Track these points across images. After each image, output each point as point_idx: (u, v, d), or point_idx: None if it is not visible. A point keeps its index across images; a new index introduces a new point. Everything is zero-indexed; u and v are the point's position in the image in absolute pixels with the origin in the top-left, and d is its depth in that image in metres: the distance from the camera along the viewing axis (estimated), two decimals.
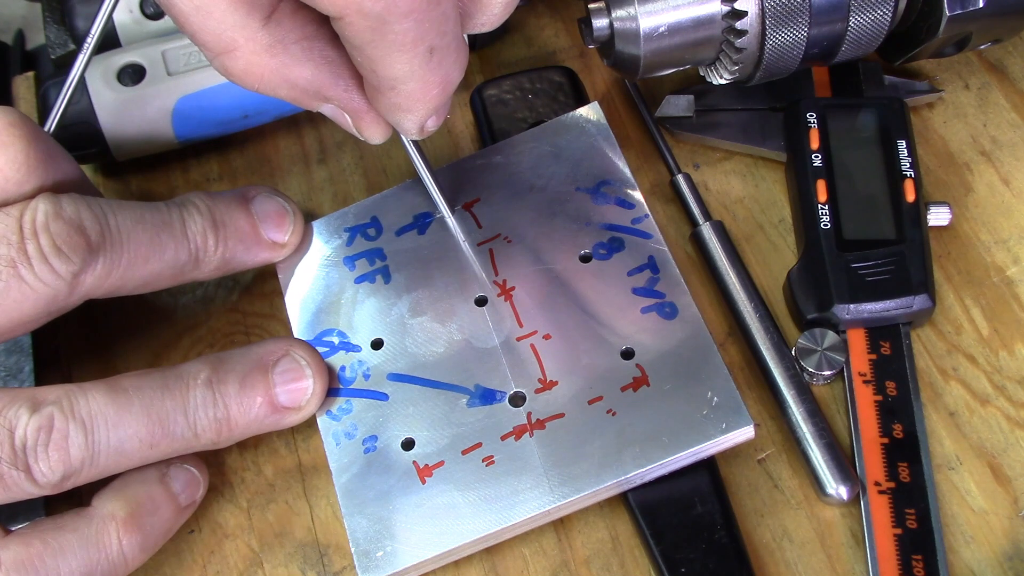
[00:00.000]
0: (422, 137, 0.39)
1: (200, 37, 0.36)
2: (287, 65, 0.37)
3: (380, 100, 0.37)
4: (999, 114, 0.50)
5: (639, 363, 0.41)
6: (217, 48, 0.36)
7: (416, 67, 0.34)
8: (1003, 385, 0.44)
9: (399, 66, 0.34)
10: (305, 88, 0.38)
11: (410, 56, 0.34)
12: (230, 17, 0.35)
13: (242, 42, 0.36)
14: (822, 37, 0.44)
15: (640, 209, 0.44)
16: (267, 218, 0.44)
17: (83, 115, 0.48)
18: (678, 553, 0.39)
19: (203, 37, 0.36)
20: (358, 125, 0.40)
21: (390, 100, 0.36)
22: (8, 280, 0.37)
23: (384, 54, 0.33)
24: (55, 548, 0.37)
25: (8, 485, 0.37)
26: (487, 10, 0.37)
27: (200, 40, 0.36)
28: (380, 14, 0.31)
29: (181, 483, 0.41)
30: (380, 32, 0.32)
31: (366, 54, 0.34)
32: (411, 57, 0.34)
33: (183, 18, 0.35)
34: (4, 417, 0.37)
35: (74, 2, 0.52)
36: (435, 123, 0.38)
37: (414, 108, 0.36)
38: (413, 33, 0.32)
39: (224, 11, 0.35)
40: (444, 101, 0.37)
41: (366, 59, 0.34)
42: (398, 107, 0.36)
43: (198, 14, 0.35)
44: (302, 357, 0.42)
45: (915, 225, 0.44)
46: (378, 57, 0.34)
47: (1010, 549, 0.40)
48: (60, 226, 0.37)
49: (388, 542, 0.40)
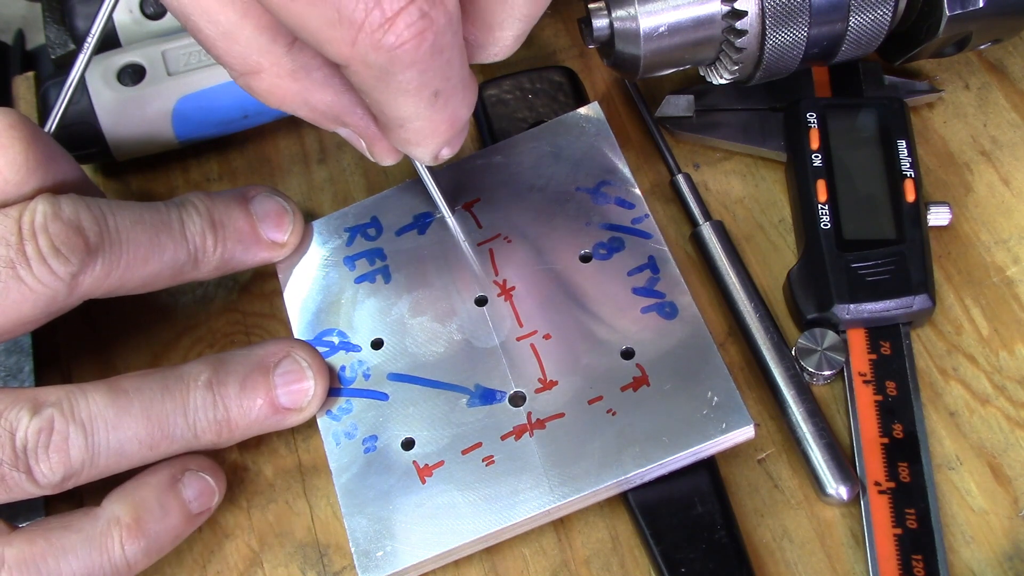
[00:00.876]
0: (436, 163, 0.40)
1: (225, 60, 0.36)
2: (309, 90, 0.38)
3: (390, 135, 0.37)
4: (999, 114, 0.50)
5: (639, 363, 0.41)
6: (241, 68, 0.37)
7: (422, 109, 0.34)
8: (1003, 385, 0.44)
9: (405, 108, 0.34)
10: (324, 112, 0.38)
11: (415, 100, 0.34)
12: (255, 43, 0.36)
13: (267, 66, 0.36)
14: (822, 37, 0.44)
15: (640, 209, 0.44)
16: (266, 218, 0.44)
17: (83, 115, 0.48)
18: (678, 553, 0.39)
19: (229, 60, 0.36)
20: (372, 150, 0.40)
21: (399, 136, 0.37)
22: (7, 281, 0.37)
23: (390, 99, 0.34)
24: (58, 548, 0.38)
25: (10, 486, 0.37)
26: (499, 42, 0.37)
27: (225, 63, 0.37)
28: (383, 65, 0.32)
29: (194, 491, 0.41)
30: (384, 80, 0.33)
31: (372, 97, 0.34)
32: (416, 101, 0.34)
33: (209, 43, 0.36)
34: (5, 419, 0.37)
35: (74, 2, 0.52)
36: (449, 152, 0.39)
37: (424, 143, 0.37)
38: (417, 81, 0.33)
39: (249, 37, 0.36)
40: (454, 135, 0.37)
41: (373, 101, 0.35)
42: (408, 142, 0.37)
43: (225, 40, 0.36)
44: (303, 358, 0.42)
45: (915, 225, 0.44)
46: (384, 100, 0.34)
47: (1010, 549, 0.40)
48: (59, 227, 0.37)
49: (388, 542, 0.40)
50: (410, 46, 0.31)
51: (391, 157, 0.41)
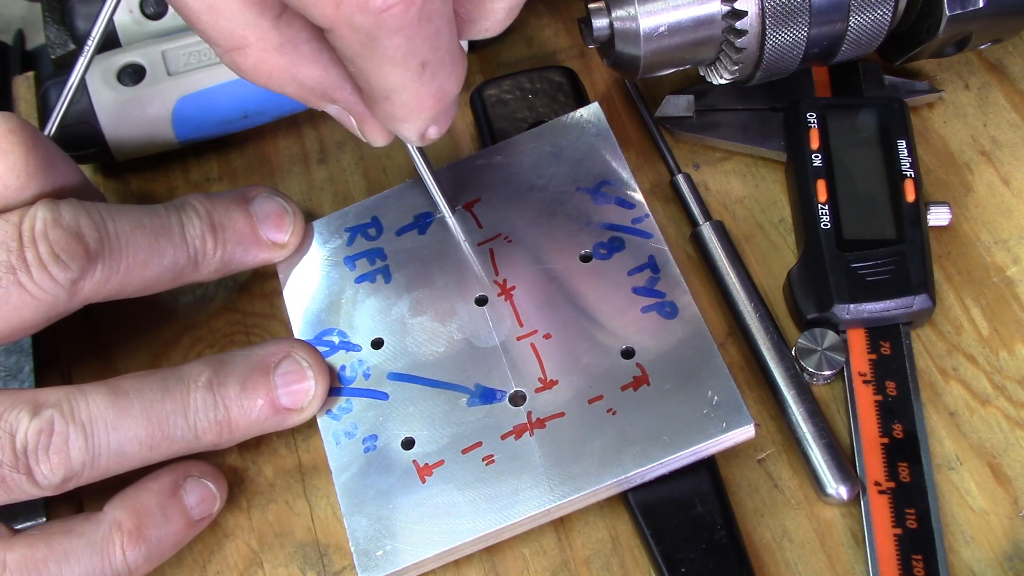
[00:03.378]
0: (424, 144, 0.39)
1: (210, 35, 0.36)
2: (296, 64, 0.37)
3: (376, 109, 0.37)
4: (999, 114, 0.50)
5: (639, 362, 0.41)
6: (228, 45, 0.36)
7: (408, 80, 0.34)
8: (1003, 385, 0.44)
9: (391, 79, 0.34)
10: (313, 88, 0.38)
11: (402, 70, 0.33)
12: (241, 16, 0.35)
13: (253, 40, 0.36)
14: (822, 37, 0.44)
15: (640, 209, 0.44)
16: (267, 219, 0.44)
17: (83, 115, 0.48)
18: (678, 553, 0.39)
19: (213, 35, 0.36)
20: (362, 128, 0.40)
21: (385, 110, 0.36)
22: (8, 287, 0.37)
23: (375, 67, 0.33)
24: (60, 553, 0.38)
25: (10, 487, 0.37)
26: (490, 16, 0.37)
27: (210, 38, 0.36)
28: (369, 29, 0.31)
29: (196, 497, 0.41)
30: (370, 47, 0.32)
31: (358, 65, 0.34)
32: (403, 71, 0.33)
33: (194, 16, 0.35)
34: (5, 421, 0.37)
35: (74, 2, 0.52)
36: (437, 132, 0.38)
37: (410, 118, 0.36)
38: (404, 49, 0.32)
39: (235, 10, 0.35)
40: (442, 112, 0.36)
41: (358, 70, 0.34)
42: (394, 116, 0.36)
43: (209, 13, 0.35)
44: (304, 358, 0.42)
45: (915, 225, 0.44)
46: (369, 69, 0.33)
47: (1010, 549, 0.40)
48: (59, 233, 0.37)
49: (388, 541, 0.40)
50: (397, 10, 0.31)
51: (381, 137, 0.40)
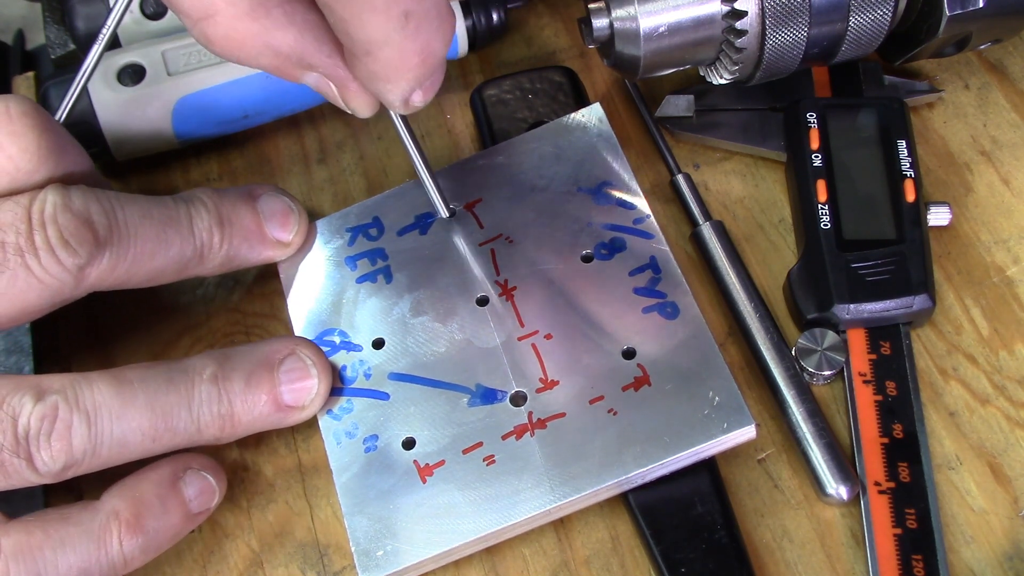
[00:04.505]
0: (409, 112, 0.38)
1: (180, 4, 0.35)
2: (269, 30, 0.36)
3: (359, 68, 0.35)
4: (999, 114, 0.50)
5: (640, 363, 0.41)
6: (197, 13, 0.35)
7: (391, 32, 0.33)
8: (1003, 385, 0.44)
9: (372, 29, 0.33)
10: (288, 55, 0.37)
11: (383, 19, 0.32)
12: None
13: (222, 6, 0.35)
14: (822, 37, 0.44)
15: (641, 209, 0.44)
16: (272, 217, 0.44)
17: (83, 115, 0.48)
18: (678, 553, 0.39)
19: (183, 4, 0.35)
20: (344, 95, 0.39)
21: (368, 68, 0.35)
22: (15, 269, 0.37)
23: (355, 14, 0.32)
24: (56, 540, 0.37)
25: (9, 473, 0.37)
26: None
27: (179, 7, 0.35)
28: None
29: (195, 490, 0.40)
30: None
31: (338, 14, 0.32)
32: (385, 20, 0.32)
33: None
34: (8, 405, 0.37)
35: (74, 2, 0.52)
36: (422, 98, 0.37)
37: (393, 78, 0.35)
38: None
39: None
40: (427, 73, 0.35)
41: (338, 19, 0.33)
42: (377, 76, 0.35)
43: None
44: (308, 356, 0.42)
45: (915, 225, 0.44)
46: (349, 17, 0.32)
47: (1010, 549, 0.40)
48: (68, 218, 0.37)
49: (389, 541, 0.40)
50: None
51: (365, 104, 0.39)
